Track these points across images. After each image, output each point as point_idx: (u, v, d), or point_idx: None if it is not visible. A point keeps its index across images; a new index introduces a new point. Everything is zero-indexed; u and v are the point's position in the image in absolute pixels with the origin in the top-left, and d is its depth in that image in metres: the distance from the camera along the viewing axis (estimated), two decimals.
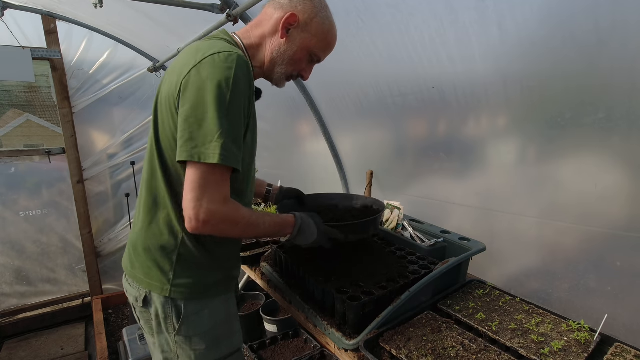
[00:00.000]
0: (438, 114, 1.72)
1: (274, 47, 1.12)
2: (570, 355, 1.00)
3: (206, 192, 0.93)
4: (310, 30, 1.10)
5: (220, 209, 0.95)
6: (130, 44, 3.34)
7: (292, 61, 1.14)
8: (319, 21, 1.10)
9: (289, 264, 1.49)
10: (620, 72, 1.05)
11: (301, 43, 1.11)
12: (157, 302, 1.11)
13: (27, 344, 3.12)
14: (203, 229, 0.96)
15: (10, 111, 3.30)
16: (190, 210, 0.94)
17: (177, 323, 1.10)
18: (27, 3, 2.79)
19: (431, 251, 1.52)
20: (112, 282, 3.72)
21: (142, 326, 1.25)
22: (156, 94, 1.12)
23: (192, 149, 0.93)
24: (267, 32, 1.12)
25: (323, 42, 1.14)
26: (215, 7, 1.87)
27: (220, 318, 1.17)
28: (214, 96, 0.91)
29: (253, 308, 2.78)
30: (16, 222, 3.26)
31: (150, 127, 1.13)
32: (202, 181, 0.93)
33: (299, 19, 1.08)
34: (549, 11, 1.11)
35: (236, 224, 1.01)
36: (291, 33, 1.10)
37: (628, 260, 1.22)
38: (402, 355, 1.03)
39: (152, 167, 1.10)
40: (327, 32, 1.13)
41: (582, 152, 1.27)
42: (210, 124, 0.92)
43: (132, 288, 1.18)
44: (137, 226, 1.16)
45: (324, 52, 1.17)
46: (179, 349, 1.13)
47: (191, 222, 0.95)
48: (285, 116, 2.83)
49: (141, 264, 1.13)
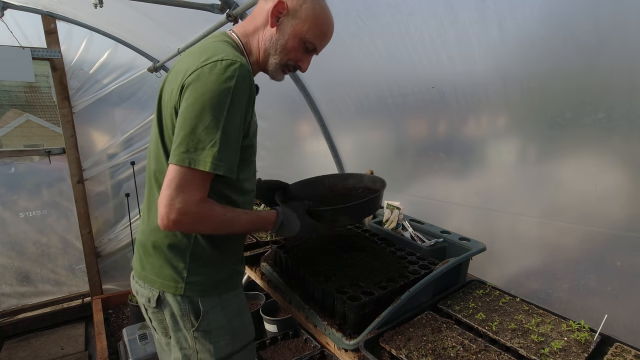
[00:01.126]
0: (438, 114, 1.72)
1: (266, 38, 1.12)
2: (570, 355, 1.00)
3: (182, 192, 0.94)
4: (300, 16, 1.08)
5: (192, 209, 0.95)
6: (130, 44, 3.34)
7: (285, 50, 1.12)
8: (309, 6, 1.09)
9: (289, 264, 1.49)
10: (620, 72, 1.05)
11: (292, 30, 1.09)
12: (172, 301, 1.12)
13: (27, 344, 3.12)
14: (174, 227, 0.96)
15: (10, 111, 3.30)
16: (162, 208, 0.94)
17: (195, 319, 1.12)
18: (27, 3, 2.79)
19: (431, 251, 1.52)
20: (112, 282, 3.72)
21: (155, 327, 1.25)
22: (159, 94, 1.12)
23: (183, 153, 0.93)
24: (260, 24, 1.12)
25: (315, 28, 1.11)
26: (215, 7, 1.87)
27: (233, 312, 1.19)
28: (212, 104, 0.92)
29: (253, 308, 2.77)
30: (16, 222, 3.25)
31: (153, 127, 1.13)
32: (180, 181, 0.94)
33: (287, 6, 1.07)
34: (549, 11, 1.11)
35: (209, 222, 1.01)
36: (281, 21, 1.09)
37: (628, 260, 1.22)
38: (402, 355, 1.03)
39: (160, 167, 1.10)
40: (317, 17, 1.10)
41: (582, 152, 1.26)
42: (205, 131, 0.92)
43: (143, 289, 1.18)
44: (147, 226, 1.16)
45: (318, 39, 1.14)
46: (198, 344, 1.14)
47: (162, 220, 0.95)
48: (285, 116, 2.83)
49: (152, 265, 1.14)
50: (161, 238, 1.11)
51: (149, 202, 1.16)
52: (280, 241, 1.70)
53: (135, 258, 1.24)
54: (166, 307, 1.14)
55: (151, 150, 1.15)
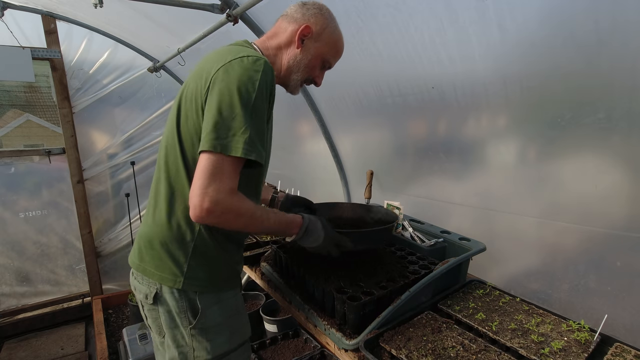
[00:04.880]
0: (438, 114, 1.72)
1: (291, 57, 1.21)
2: (570, 355, 1.00)
3: (214, 181, 0.95)
4: (322, 39, 1.21)
5: (225, 199, 0.96)
6: (130, 44, 3.34)
7: (307, 68, 1.23)
8: (330, 31, 1.21)
9: (289, 264, 1.49)
10: (620, 72, 1.05)
11: (315, 52, 1.21)
12: (169, 296, 1.12)
13: (27, 344, 3.12)
14: (207, 217, 0.96)
15: (10, 111, 3.30)
16: (195, 198, 0.94)
17: (192, 316, 1.13)
18: (27, 3, 2.79)
19: (431, 251, 1.52)
20: (112, 282, 3.72)
21: (150, 325, 1.26)
22: (179, 94, 1.14)
23: (214, 139, 0.95)
24: (283, 43, 1.21)
25: (333, 50, 1.25)
26: (215, 7, 1.87)
27: (231, 311, 1.20)
28: (240, 94, 0.96)
29: (253, 308, 2.78)
30: (16, 222, 3.25)
31: (170, 124, 1.14)
32: (212, 169, 0.95)
33: (312, 30, 1.18)
34: (549, 11, 1.11)
35: (240, 215, 1.01)
36: (305, 43, 1.20)
37: (628, 260, 1.22)
38: (402, 355, 1.03)
39: (172, 162, 1.12)
40: (336, 41, 1.25)
41: (582, 152, 1.26)
42: (236, 119, 0.96)
43: (141, 284, 1.18)
44: (152, 220, 1.17)
45: (334, 59, 1.28)
46: (195, 341, 1.14)
47: (195, 210, 0.95)
48: (285, 116, 2.83)
49: (152, 257, 1.14)
50: (167, 230, 1.12)
51: (155, 196, 1.17)
52: (280, 241, 1.70)
53: (133, 251, 1.24)
54: (163, 304, 1.14)
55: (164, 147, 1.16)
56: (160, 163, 1.17)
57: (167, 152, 1.14)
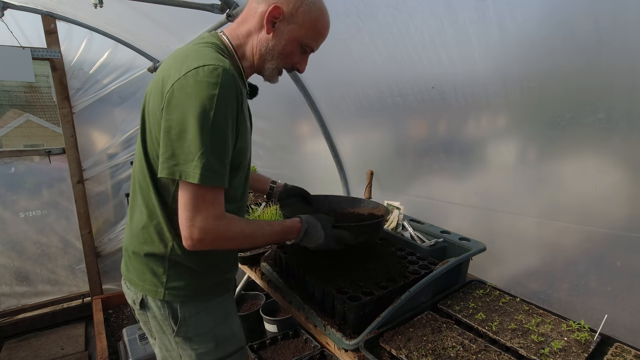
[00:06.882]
0: (438, 114, 1.72)
1: (262, 44, 1.06)
2: (570, 355, 1.00)
3: (198, 212, 0.94)
4: (297, 20, 1.04)
5: (213, 227, 0.95)
6: (130, 44, 3.34)
7: (283, 55, 1.08)
8: (305, 9, 1.03)
9: (288, 264, 1.49)
10: (620, 72, 1.04)
11: (289, 36, 1.05)
12: (154, 305, 1.12)
13: (27, 344, 3.12)
14: (200, 246, 0.97)
15: (10, 111, 3.29)
16: (185, 230, 0.95)
17: (174, 325, 1.11)
18: (27, 3, 2.79)
19: (431, 251, 1.52)
20: (112, 282, 3.72)
21: (142, 327, 1.26)
22: (143, 102, 1.10)
23: (173, 166, 0.92)
24: (254, 29, 1.07)
25: (312, 31, 1.07)
26: (215, 7, 1.87)
27: (218, 319, 1.17)
28: (197, 114, 0.89)
29: (253, 308, 2.78)
30: (16, 222, 3.25)
31: (138, 138, 1.10)
32: (194, 201, 0.93)
33: (283, 11, 1.02)
34: (549, 11, 1.11)
35: (231, 239, 1.01)
36: (277, 26, 1.04)
37: (628, 260, 1.22)
38: (402, 355, 1.03)
39: (142, 176, 1.09)
40: (315, 20, 1.06)
41: (582, 152, 1.26)
42: (191, 142, 0.90)
43: (129, 291, 1.19)
44: (130, 231, 1.15)
45: (315, 41, 1.10)
46: (181, 349, 1.14)
47: (187, 241, 0.96)
48: (285, 116, 2.82)
49: (135, 268, 1.14)
50: (140, 244, 1.10)
51: (132, 209, 1.15)
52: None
53: (122, 260, 1.25)
54: (149, 310, 1.14)
55: (136, 158, 1.14)
56: (134, 176, 1.14)
57: (137, 167, 1.11)
